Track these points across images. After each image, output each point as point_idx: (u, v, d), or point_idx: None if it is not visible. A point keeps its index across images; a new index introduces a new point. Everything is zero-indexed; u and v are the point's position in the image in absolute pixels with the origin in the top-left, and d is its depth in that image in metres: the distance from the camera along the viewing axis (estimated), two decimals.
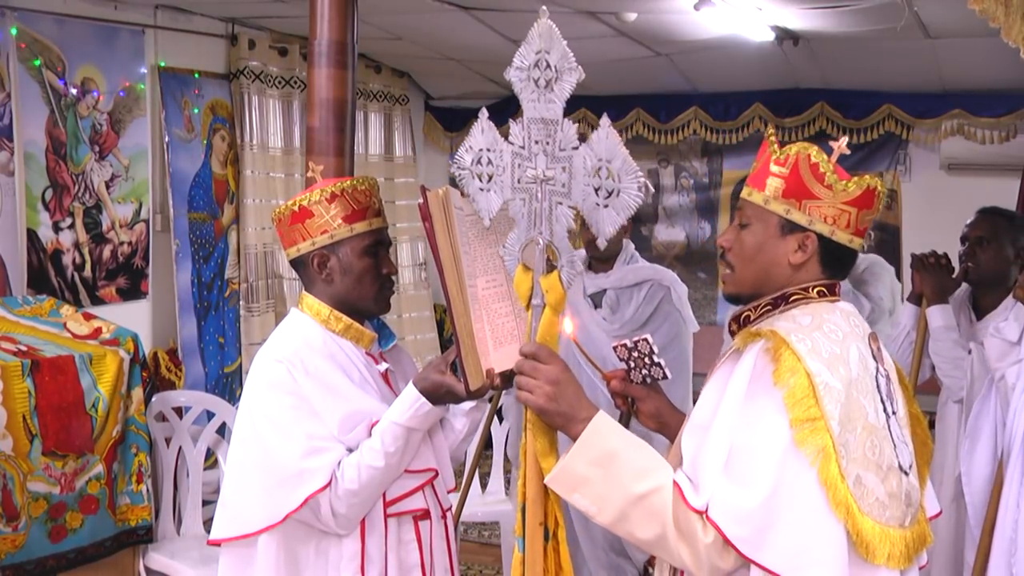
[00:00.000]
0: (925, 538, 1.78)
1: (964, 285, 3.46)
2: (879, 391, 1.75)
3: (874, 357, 1.78)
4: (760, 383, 1.66)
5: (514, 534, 1.83)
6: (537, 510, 1.75)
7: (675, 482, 1.67)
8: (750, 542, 1.61)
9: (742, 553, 1.61)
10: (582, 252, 3.80)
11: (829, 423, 1.62)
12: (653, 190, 6.70)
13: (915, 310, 3.50)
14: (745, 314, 1.85)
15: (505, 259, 1.79)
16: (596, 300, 3.74)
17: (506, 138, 1.76)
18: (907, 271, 3.62)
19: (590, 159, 1.65)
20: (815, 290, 1.79)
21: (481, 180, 1.79)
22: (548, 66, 1.67)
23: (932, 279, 3.40)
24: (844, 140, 1.79)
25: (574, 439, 1.71)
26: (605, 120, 1.65)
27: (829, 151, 1.77)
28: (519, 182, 1.74)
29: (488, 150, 1.78)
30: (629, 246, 3.80)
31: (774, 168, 1.77)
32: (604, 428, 1.71)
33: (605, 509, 1.69)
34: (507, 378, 1.97)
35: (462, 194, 1.94)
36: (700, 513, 1.63)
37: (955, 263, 3.44)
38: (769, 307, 1.80)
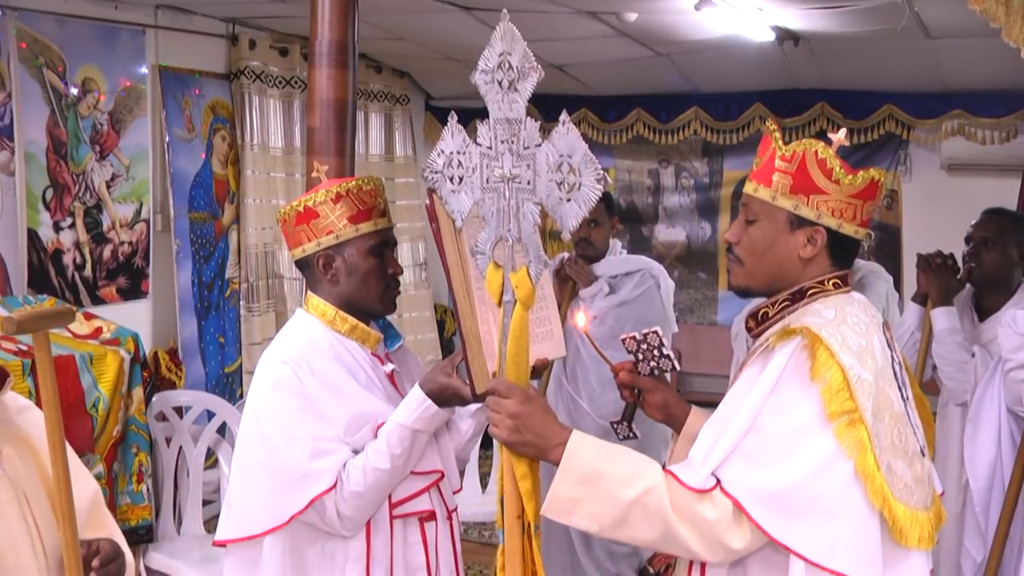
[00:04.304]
0: (941, 517, 1.83)
1: (967, 286, 3.44)
2: (896, 378, 1.80)
3: (888, 345, 1.83)
4: (795, 378, 1.70)
5: (496, 526, 1.85)
6: (513, 504, 1.78)
7: (668, 472, 1.71)
8: (777, 524, 1.66)
9: (769, 534, 1.66)
10: (565, 254, 3.87)
11: (864, 415, 1.67)
12: (610, 180, 6.68)
13: (920, 310, 3.48)
14: (763, 310, 1.88)
15: (477, 259, 1.81)
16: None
17: (475, 140, 1.78)
18: (908, 272, 3.62)
19: (552, 155, 1.67)
20: (830, 282, 1.84)
21: (452, 182, 1.82)
22: (511, 67, 1.69)
23: (937, 280, 3.37)
24: (843, 132, 1.85)
25: (555, 464, 1.74)
26: (564, 116, 1.67)
27: (828, 143, 1.82)
28: (488, 182, 1.76)
29: (458, 152, 1.81)
30: (616, 245, 3.87)
31: (780, 164, 1.81)
32: (581, 448, 1.74)
33: (604, 523, 1.72)
34: None
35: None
36: (697, 491, 1.68)
37: (959, 263, 3.42)
38: (787, 302, 1.84)
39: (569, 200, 1.66)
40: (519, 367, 1.77)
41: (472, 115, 1.89)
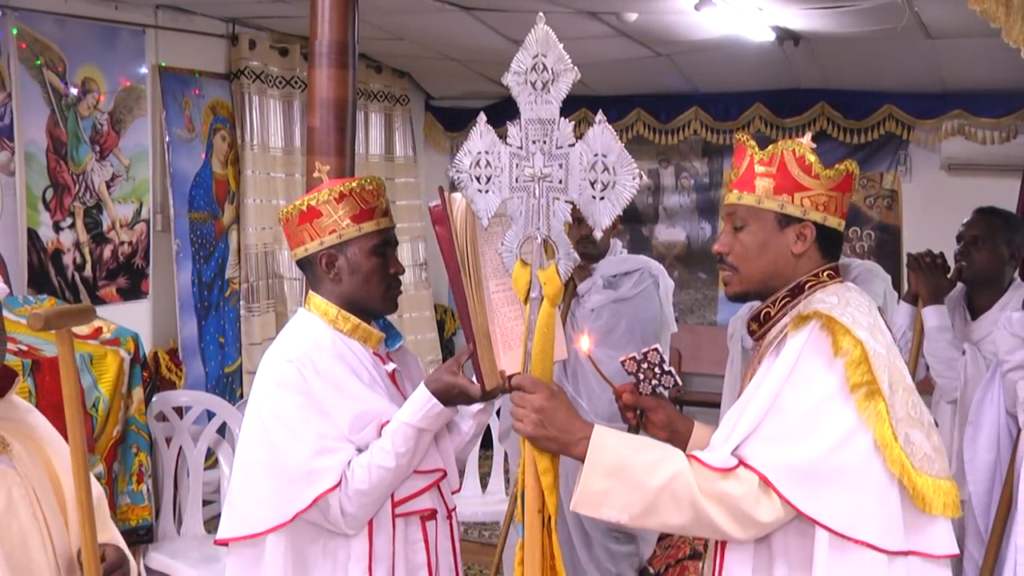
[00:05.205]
0: (955, 487, 1.87)
1: (959, 284, 3.46)
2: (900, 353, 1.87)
3: (887, 326, 1.89)
4: (815, 356, 1.76)
5: (515, 520, 1.87)
6: (535, 498, 1.81)
7: (692, 457, 1.75)
8: (802, 497, 1.70)
9: (796, 507, 1.70)
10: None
11: (882, 387, 1.72)
12: (646, 179, 6.70)
13: (911, 310, 3.51)
14: (764, 311, 1.93)
15: (503, 256, 1.83)
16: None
17: (504, 140, 1.80)
18: (905, 271, 3.62)
19: (586, 155, 1.71)
20: (825, 273, 1.90)
21: (480, 182, 1.84)
22: (545, 68, 1.73)
23: (927, 279, 3.41)
24: (808, 136, 1.92)
25: (579, 459, 1.77)
26: (600, 116, 1.71)
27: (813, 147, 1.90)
28: (517, 181, 1.79)
29: (486, 152, 1.84)
30: (616, 245, 3.86)
31: (759, 168, 1.88)
32: (604, 441, 1.77)
33: (634, 512, 1.75)
34: None
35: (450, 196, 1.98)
36: (721, 471, 1.72)
37: (951, 262, 3.45)
38: (787, 298, 1.90)
39: (603, 199, 1.70)
40: (544, 363, 1.80)
41: (472, 115, 1.90)
